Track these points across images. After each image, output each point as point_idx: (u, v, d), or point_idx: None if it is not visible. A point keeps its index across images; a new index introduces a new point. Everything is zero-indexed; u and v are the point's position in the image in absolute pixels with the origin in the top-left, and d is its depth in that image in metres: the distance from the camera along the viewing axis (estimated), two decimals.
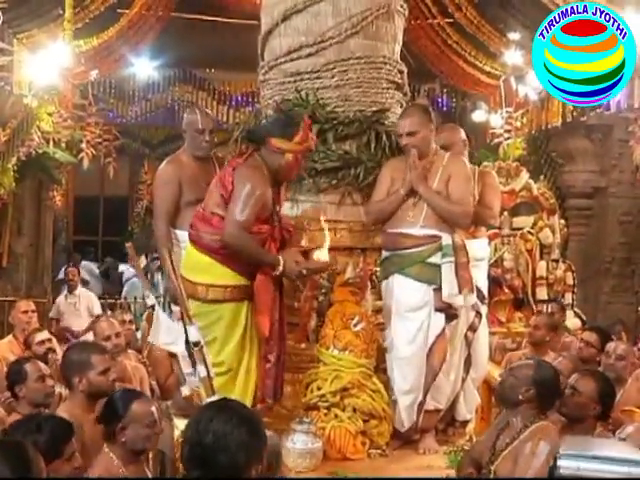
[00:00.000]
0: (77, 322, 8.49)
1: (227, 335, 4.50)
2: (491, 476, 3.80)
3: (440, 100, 14.95)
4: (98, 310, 9.29)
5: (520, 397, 3.82)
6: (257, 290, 4.55)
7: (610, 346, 5.23)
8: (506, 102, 11.05)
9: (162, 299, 5.27)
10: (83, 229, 16.62)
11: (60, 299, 9.72)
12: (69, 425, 3.32)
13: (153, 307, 4.85)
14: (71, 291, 9.50)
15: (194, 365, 4.60)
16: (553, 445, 3.63)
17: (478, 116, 12.50)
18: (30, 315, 6.59)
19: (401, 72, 5.75)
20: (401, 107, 5.69)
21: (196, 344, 4.11)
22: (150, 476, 3.67)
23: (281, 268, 4.47)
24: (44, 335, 5.87)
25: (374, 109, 5.49)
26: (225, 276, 4.50)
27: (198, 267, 4.52)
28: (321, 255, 4.67)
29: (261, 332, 4.56)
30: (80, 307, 9.06)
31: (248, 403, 4.37)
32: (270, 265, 4.49)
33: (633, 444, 3.56)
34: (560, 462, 2.86)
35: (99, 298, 11.85)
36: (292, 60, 5.50)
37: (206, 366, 4.11)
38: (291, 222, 4.94)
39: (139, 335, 6.78)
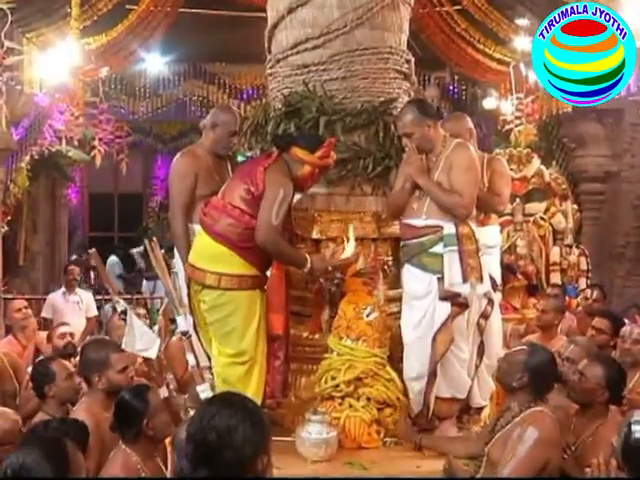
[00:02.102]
0: (80, 322, 8.30)
1: (245, 325, 4.56)
2: (484, 458, 3.82)
3: (451, 88, 14.89)
4: (95, 311, 8.97)
5: (514, 384, 3.83)
6: (271, 289, 4.69)
7: (625, 330, 5.22)
8: (516, 89, 10.99)
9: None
10: (99, 226, 16.72)
11: (56, 297, 8.85)
12: (85, 427, 3.37)
13: (125, 312, 4.94)
14: (71, 290, 8.81)
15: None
16: (542, 432, 3.63)
17: (489, 103, 12.45)
18: (24, 312, 6.57)
19: (408, 62, 5.74)
20: (409, 96, 5.70)
21: (184, 334, 4.21)
22: (164, 469, 3.70)
23: (309, 265, 4.66)
24: (66, 328, 5.94)
25: (382, 99, 5.48)
26: (239, 266, 4.56)
27: (213, 256, 4.57)
28: (347, 253, 4.92)
29: (274, 330, 4.65)
30: (83, 307, 8.82)
31: (260, 397, 4.44)
32: (299, 263, 4.69)
33: None
34: (635, 427, 2.97)
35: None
36: (299, 53, 5.50)
37: (195, 356, 4.24)
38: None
39: (155, 330, 6.80)
